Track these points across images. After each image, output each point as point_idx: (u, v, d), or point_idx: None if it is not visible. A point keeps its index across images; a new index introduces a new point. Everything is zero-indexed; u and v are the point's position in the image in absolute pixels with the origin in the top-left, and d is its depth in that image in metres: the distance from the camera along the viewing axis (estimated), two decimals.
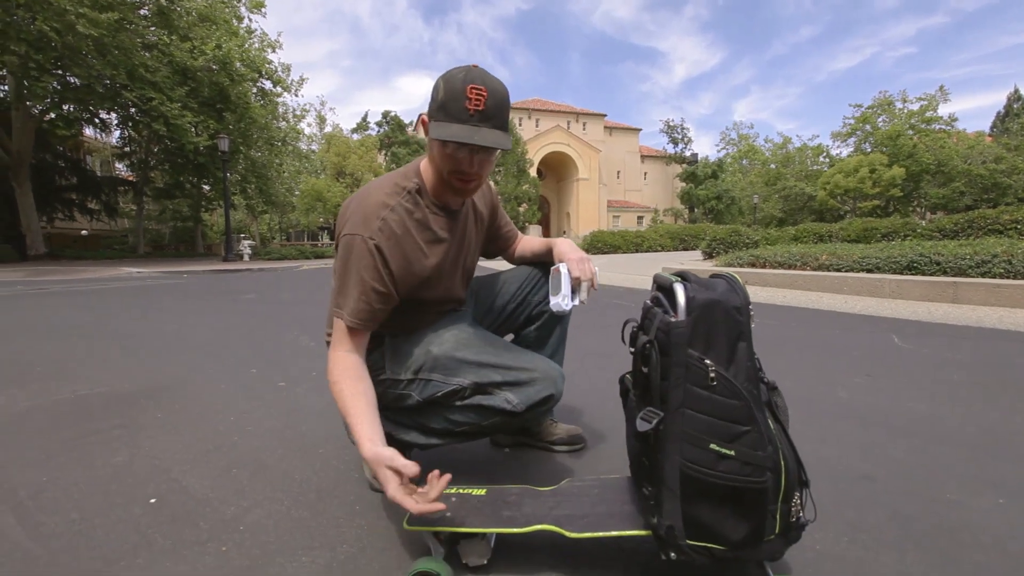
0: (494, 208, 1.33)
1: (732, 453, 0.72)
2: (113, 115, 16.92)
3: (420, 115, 1.07)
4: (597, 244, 19.50)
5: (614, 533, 0.83)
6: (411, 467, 0.82)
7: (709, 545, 0.75)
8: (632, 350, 0.88)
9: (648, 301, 0.87)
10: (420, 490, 0.84)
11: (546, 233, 39.73)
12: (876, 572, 0.87)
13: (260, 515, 1.08)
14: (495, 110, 0.95)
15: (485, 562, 0.88)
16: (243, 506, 1.12)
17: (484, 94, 0.93)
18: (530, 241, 1.40)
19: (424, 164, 1.12)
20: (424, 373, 1.07)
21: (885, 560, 0.90)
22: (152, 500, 1.15)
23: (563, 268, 1.14)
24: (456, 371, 1.05)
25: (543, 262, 1.33)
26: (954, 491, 1.15)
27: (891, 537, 0.97)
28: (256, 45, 17.13)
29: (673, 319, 0.74)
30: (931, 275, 4.76)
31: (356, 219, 1.03)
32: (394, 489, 0.81)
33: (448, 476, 0.85)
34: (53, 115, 14.31)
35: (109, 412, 1.77)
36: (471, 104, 0.93)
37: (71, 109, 14.93)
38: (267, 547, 0.97)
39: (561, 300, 1.09)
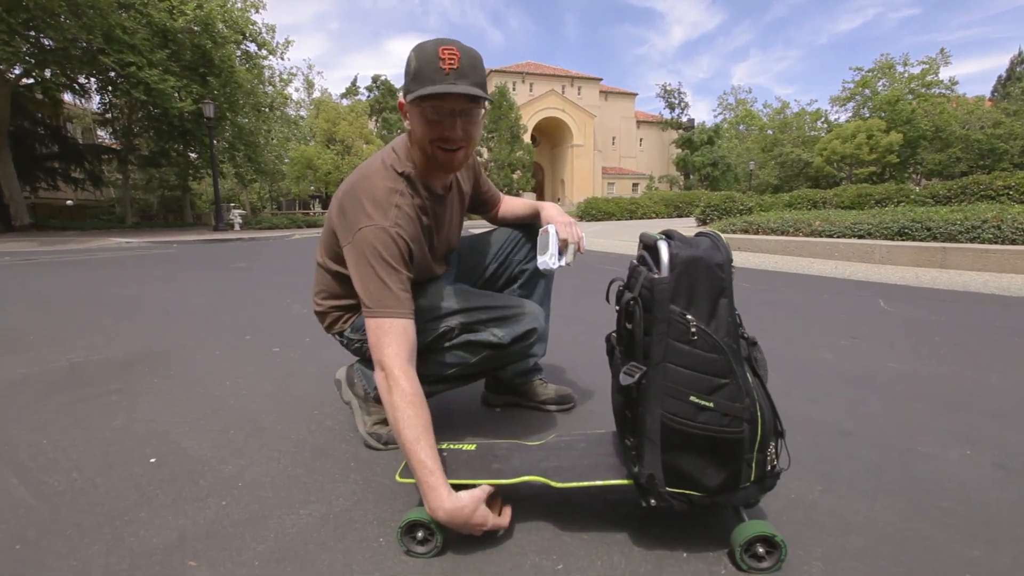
0: (476, 179, 1.33)
1: (711, 405, 0.75)
2: (92, 80, 16.30)
3: (398, 101, 1.02)
4: (591, 211, 19.37)
5: (598, 483, 0.86)
6: (503, 521, 0.86)
7: (687, 492, 0.79)
8: (617, 308, 0.90)
9: (634, 260, 0.88)
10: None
11: (540, 200, 39.34)
12: (846, 517, 0.91)
13: (258, 473, 1.12)
14: (470, 68, 0.95)
15: None
16: (241, 464, 1.15)
17: (457, 54, 0.93)
18: (513, 204, 1.40)
19: (410, 147, 1.10)
20: None
21: (856, 507, 0.95)
22: (152, 460, 1.18)
23: (551, 229, 1.18)
24: (442, 317, 1.12)
25: (527, 225, 1.34)
26: (926, 444, 1.20)
27: (862, 486, 1.02)
28: (239, 5, 16.40)
29: (656, 276, 0.75)
30: (921, 241, 4.80)
31: (370, 210, 0.99)
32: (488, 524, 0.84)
33: (508, 510, 0.89)
34: (30, 80, 13.77)
35: (105, 378, 1.79)
36: (445, 64, 0.93)
37: (47, 74, 14.35)
38: (266, 502, 1.00)
39: (548, 259, 1.13)
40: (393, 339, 0.94)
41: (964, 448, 1.17)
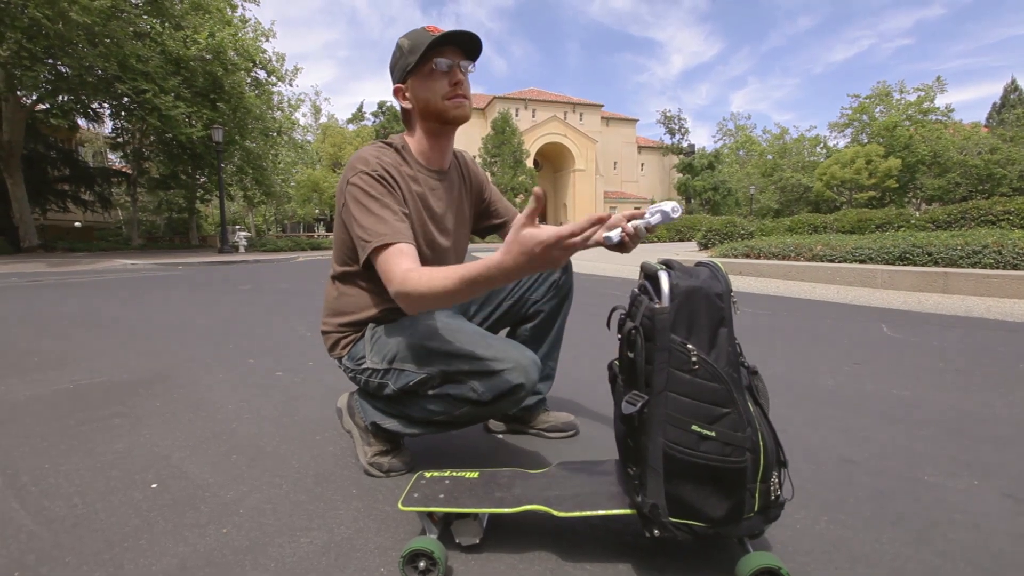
0: (481, 182, 1.35)
1: (713, 434, 0.75)
2: (106, 105, 16.72)
3: (395, 87, 1.16)
4: None
5: (601, 512, 0.86)
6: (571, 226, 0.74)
7: (691, 522, 0.78)
8: (619, 336, 0.91)
9: (635, 289, 0.90)
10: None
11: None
12: (852, 548, 0.90)
13: (259, 499, 1.11)
14: (459, 32, 1.08)
15: (477, 541, 0.91)
16: (242, 490, 1.15)
17: (441, 28, 1.08)
18: None
19: (406, 134, 1.21)
20: (398, 363, 1.09)
21: (862, 538, 0.94)
22: (153, 485, 1.18)
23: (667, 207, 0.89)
24: (427, 360, 1.06)
25: None
26: (932, 473, 1.18)
27: (868, 517, 1.01)
28: (250, 34, 16.93)
29: (657, 305, 0.76)
30: (923, 266, 4.81)
31: (354, 166, 1.09)
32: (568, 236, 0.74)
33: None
34: (46, 105, 14.15)
35: (108, 401, 1.79)
36: (435, 31, 1.07)
37: (63, 100, 14.74)
38: (267, 529, 1.00)
39: (649, 216, 0.91)
40: (392, 264, 0.98)
41: (971, 477, 1.16)
